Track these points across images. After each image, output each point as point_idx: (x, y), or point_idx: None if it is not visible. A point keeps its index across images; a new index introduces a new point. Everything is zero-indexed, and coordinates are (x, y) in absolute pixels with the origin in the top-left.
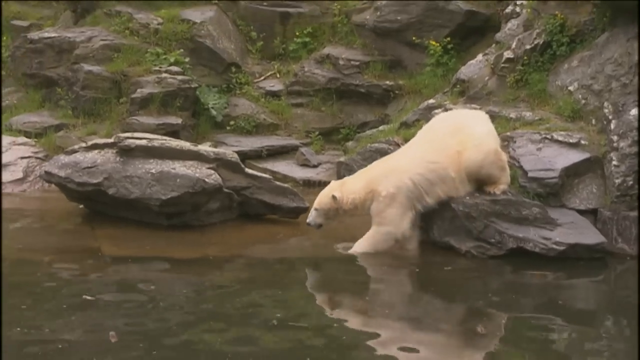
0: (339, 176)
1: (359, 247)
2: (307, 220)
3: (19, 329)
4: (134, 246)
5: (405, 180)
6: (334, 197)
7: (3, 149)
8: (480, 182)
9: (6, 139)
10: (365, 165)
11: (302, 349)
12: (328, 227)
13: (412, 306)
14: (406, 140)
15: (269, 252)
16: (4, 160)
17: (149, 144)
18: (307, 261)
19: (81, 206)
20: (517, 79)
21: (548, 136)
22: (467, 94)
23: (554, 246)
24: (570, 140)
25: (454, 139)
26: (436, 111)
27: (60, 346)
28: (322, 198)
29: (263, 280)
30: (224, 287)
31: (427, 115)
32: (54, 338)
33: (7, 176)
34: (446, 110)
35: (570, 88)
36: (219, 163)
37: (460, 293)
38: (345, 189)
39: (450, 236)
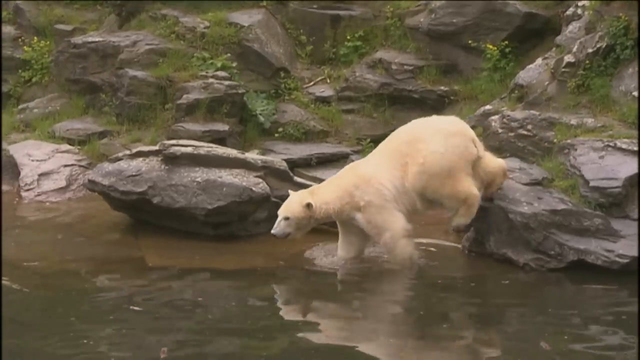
0: None
1: (396, 262)
2: (273, 231)
3: (64, 342)
4: (179, 257)
5: (376, 186)
6: (309, 205)
7: (46, 157)
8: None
9: (49, 147)
10: None
11: None
12: None
13: (469, 322)
14: None
15: (317, 262)
16: (46, 168)
17: (195, 152)
18: (360, 274)
19: (125, 215)
20: (578, 84)
21: (611, 144)
22: (525, 99)
23: (617, 259)
24: (635, 148)
25: (408, 149)
26: (493, 118)
27: None
28: (293, 206)
29: (313, 293)
30: (271, 299)
31: (483, 122)
32: (101, 352)
33: (49, 184)
34: (503, 117)
35: (635, 93)
36: (267, 171)
37: (519, 308)
38: (317, 199)
39: (508, 248)
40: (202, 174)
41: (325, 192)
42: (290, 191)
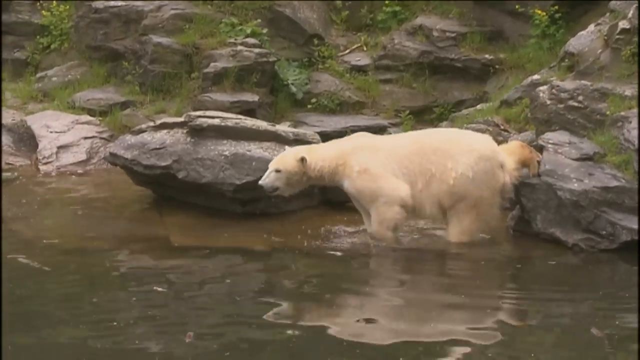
0: None
1: (375, 232)
2: (261, 182)
3: (85, 324)
4: (205, 235)
5: (381, 157)
6: (303, 159)
7: (65, 128)
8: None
9: (68, 117)
10: None
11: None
12: None
13: (513, 307)
14: (507, 120)
15: (351, 242)
16: (66, 141)
17: (223, 124)
18: (393, 254)
19: (148, 191)
20: (633, 52)
21: None
22: (576, 68)
23: None
24: None
25: (434, 158)
26: (541, 88)
27: (131, 346)
28: (287, 159)
29: (344, 274)
30: (302, 280)
31: (530, 92)
32: (124, 336)
33: (69, 158)
34: (552, 87)
35: None
36: (299, 145)
37: (568, 291)
38: (315, 155)
39: (556, 227)
40: (230, 148)
41: (324, 150)
42: (287, 147)
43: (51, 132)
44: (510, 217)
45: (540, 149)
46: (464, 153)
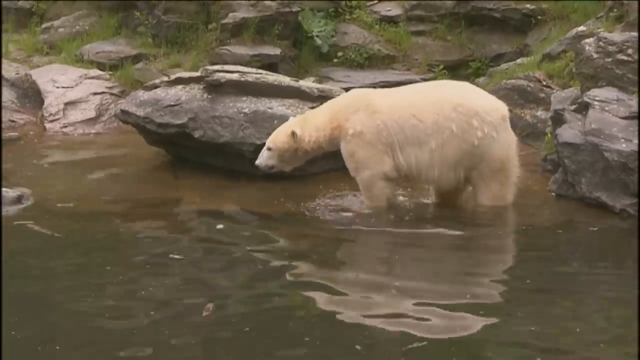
0: None
1: (368, 206)
2: (256, 162)
3: (98, 294)
4: (223, 199)
5: (378, 121)
6: (293, 133)
7: (73, 83)
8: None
9: (77, 72)
10: None
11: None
12: None
13: (554, 277)
14: (549, 75)
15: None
16: (73, 97)
17: (242, 79)
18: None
19: (162, 151)
20: None
21: None
22: (625, 19)
23: None
24: None
25: (454, 115)
26: (587, 41)
27: (145, 322)
28: (279, 136)
29: (370, 241)
30: (323, 247)
31: (575, 45)
32: (139, 308)
33: (77, 115)
34: (599, 40)
35: None
36: (324, 102)
37: (614, 260)
38: (308, 126)
39: (602, 191)
40: (249, 105)
41: (317, 117)
42: (291, 117)
43: (58, 87)
44: (552, 181)
45: (586, 106)
46: (489, 111)
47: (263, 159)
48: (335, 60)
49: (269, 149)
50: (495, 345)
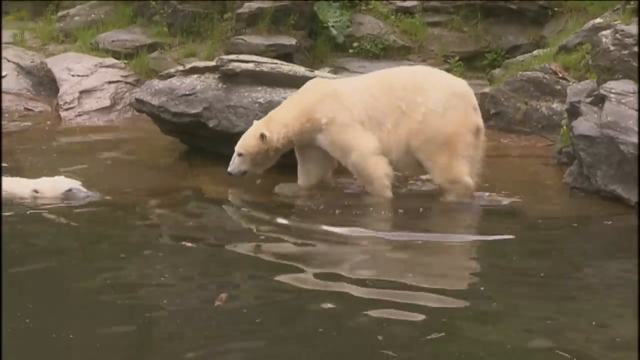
0: (483, 110)
1: (368, 190)
2: (228, 169)
3: (112, 282)
4: (237, 188)
5: (346, 103)
6: (262, 135)
7: (88, 72)
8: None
9: (92, 60)
10: (515, 98)
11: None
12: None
13: (567, 269)
14: (566, 67)
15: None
16: (88, 85)
17: (257, 69)
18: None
19: (177, 140)
20: None
21: None
22: None
23: None
24: None
25: (404, 93)
26: (604, 33)
27: (158, 310)
28: (247, 140)
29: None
30: (338, 238)
31: (592, 38)
32: (153, 296)
33: (92, 103)
34: (616, 32)
35: None
36: None
37: (628, 253)
38: (274, 125)
39: (618, 184)
40: (264, 94)
41: (283, 113)
42: (255, 121)
43: (73, 75)
44: (567, 173)
45: (602, 98)
46: (436, 88)
47: (235, 165)
48: (350, 50)
49: (240, 154)
50: (510, 337)
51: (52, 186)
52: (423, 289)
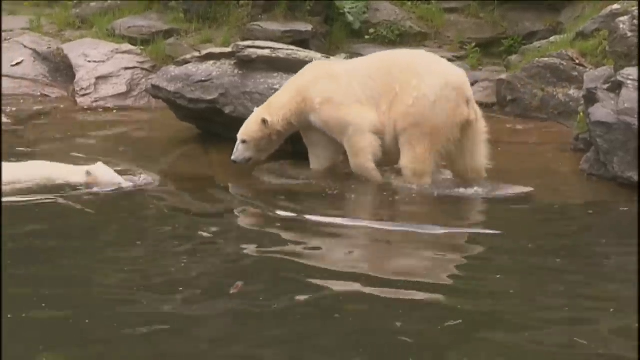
0: (499, 96)
1: (355, 165)
2: (232, 157)
3: (127, 270)
4: (253, 176)
5: (341, 83)
6: (264, 120)
7: (104, 58)
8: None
9: (108, 46)
10: (532, 84)
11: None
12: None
13: (582, 259)
14: (583, 54)
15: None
16: (105, 71)
17: (273, 55)
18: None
19: (193, 126)
20: None
21: None
22: None
23: None
24: None
25: (400, 75)
26: (621, 19)
27: (174, 297)
28: (250, 127)
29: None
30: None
31: (609, 24)
32: (167, 284)
33: (108, 89)
34: (633, 18)
35: None
36: None
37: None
38: (274, 108)
39: (634, 171)
40: (280, 81)
41: (281, 96)
42: (255, 108)
43: (89, 61)
44: (584, 160)
45: (619, 85)
46: (432, 74)
47: (239, 152)
48: (366, 37)
49: (244, 141)
50: (527, 325)
51: (106, 172)
52: (437, 276)
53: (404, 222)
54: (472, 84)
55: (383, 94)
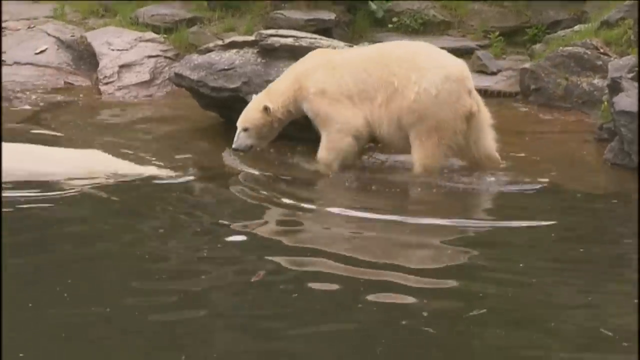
0: (523, 85)
1: (322, 158)
2: (234, 145)
3: (149, 259)
4: (277, 165)
5: (337, 76)
6: (266, 108)
7: (128, 46)
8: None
9: (131, 35)
10: (555, 73)
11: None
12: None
13: (606, 250)
14: (607, 43)
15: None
16: (128, 59)
17: (296, 43)
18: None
19: (216, 115)
20: None
21: None
22: None
23: None
24: None
25: (399, 69)
26: None
27: (197, 285)
28: (251, 114)
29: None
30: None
31: (634, 12)
32: (191, 274)
33: (131, 78)
34: None
35: None
36: None
37: None
38: (274, 95)
39: None
40: None
41: (279, 85)
42: (253, 95)
43: (113, 49)
44: (608, 149)
45: None
46: (432, 68)
47: (241, 140)
48: (390, 25)
49: (246, 129)
50: (548, 314)
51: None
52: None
53: (427, 215)
54: (496, 73)
55: (379, 87)
